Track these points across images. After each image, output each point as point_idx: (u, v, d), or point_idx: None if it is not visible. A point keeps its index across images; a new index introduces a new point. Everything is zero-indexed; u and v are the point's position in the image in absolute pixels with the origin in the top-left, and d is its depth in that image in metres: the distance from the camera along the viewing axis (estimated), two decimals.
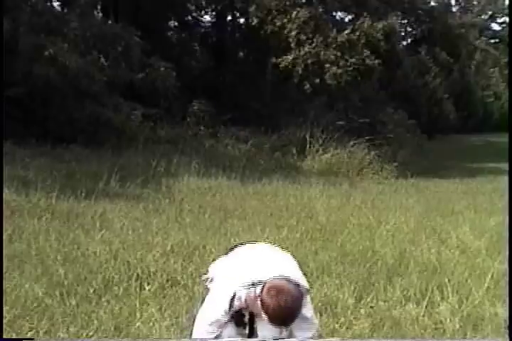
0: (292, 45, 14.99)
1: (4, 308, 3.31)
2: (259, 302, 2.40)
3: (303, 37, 14.93)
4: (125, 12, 16.32)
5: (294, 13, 14.89)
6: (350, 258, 4.85)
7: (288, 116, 14.53)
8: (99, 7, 16.86)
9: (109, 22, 13.88)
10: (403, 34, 24.73)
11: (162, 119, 13.10)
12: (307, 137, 12.51)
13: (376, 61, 14.62)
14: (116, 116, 11.73)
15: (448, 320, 3.57)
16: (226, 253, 2.85)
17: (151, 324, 3.32)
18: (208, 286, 2.72)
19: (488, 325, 3.54)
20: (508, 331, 3.02)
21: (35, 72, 10.45)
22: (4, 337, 2.95)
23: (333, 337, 3.28)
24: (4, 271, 3.93)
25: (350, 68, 14.75)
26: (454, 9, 33.36)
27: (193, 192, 7.86)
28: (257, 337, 2.59)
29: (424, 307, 3.78)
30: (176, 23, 21.18)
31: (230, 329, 2.55)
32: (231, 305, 2.48)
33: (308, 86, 14.88)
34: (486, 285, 4.19)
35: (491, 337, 3.40)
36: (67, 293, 3.70)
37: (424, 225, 6.49)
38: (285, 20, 15.03)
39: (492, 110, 32.28)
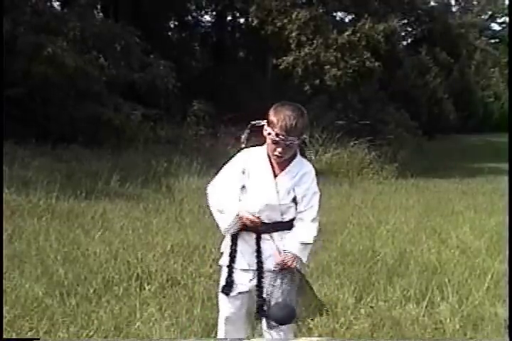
0: (292, 46, 14.96)
1: (4, 308, 3.30)
2: (266, 127, 2.55)
3: (303, 38, 14.90)
4: (125, 12, 16.34)
5: (295, 13, 14.86)
6: (350, 258, 4.85)
7: None
8: (99, 7, 16.88)
9: (109, 22, 13.86)
10: (403, 34, 24.71)
11: (162, 119, 13.10)
12: (307, 137, 12.49)
13: (376, 63, 14.61)
14: (116, 116, 11.72)
15: (448, 320, 3.57)
16: None
17: (151, 324, 3.32)
18: None
19: (488, 325, 3.54)
20: (508, 331, 3.02)
21: (34, 72, 10.44)
22: (4, 337, 2.94)
23: (333, 337, 3.28)
24: (4, 271, 3.93)
25: (350, 70, 14.73)
26: (454, 9, 33.43)
27: (193, 192, 7.85)
28: None
29: (424, 307, 3.78)
30: (176, 23, 21.20)
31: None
32: None
33: (308, 87, 14.88)
34: (486, 285, 4.19)
35: (491, 337, 3.40)
36: (67, 293, 3.70)
37: (424, 225, 6.50)
38: (285, 20, 14.99)
39: (492, 110, 32.29)
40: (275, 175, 2.58)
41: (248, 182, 2.58)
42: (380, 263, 4.73)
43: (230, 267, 2.58)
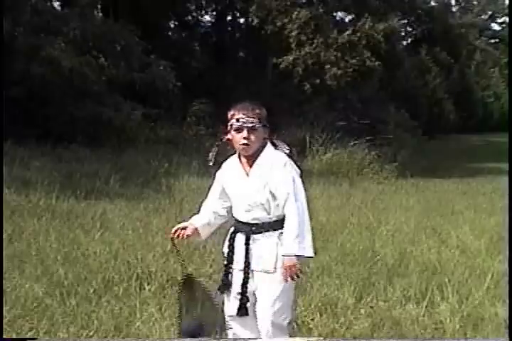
0: (293, 45, 14.98)
1: (4, 308, 3.30)
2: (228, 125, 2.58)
3: (303, 37, 14.92)
4: (125, 12, 16.31)
5: (295, 13, 14.88)
6: (350, 258, 4.85)
7: (288, 117, 14.52)
8: (99, 7, 16.87)
9: (109, 21, 13.86)
10: (403, 34, 24.75)
11: (162, 119, 13.09)
12: (307, 137, 12.49)
13: (376, 62, 14.62)
14: (117, 116, 11.71)
15: (448, 320, 3.57)
16: None
17: (151, 324, 3.32)
18: None
19: (488, 325, 3.54)
20: (508, 331, 3.02)
21: (34, 72, 10.44)
22: (4, 337, 2.95)
23: (333, 337, 3.28)
24: (4, 271, 3.93)
25: (351, 69, 14.74)
26: (454, 9, 33.45)
27: (193, 192, 7.85)
28: None
29: (424, 307, 3.78)
30: (176, 23, 21.20)
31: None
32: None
33: (308, 86, 14.88)
34: (486, 285, 4.19)
35: (491, 337, 3.39)
36: (67, 293, 3.69)
37: (424, 225, 6.49)
38: (285, 20, 15.01)
39: (492, 110, 32.35)
40: (247, 174, 2.59)
41: (228, 188, 2.67)
42: (380, 263, 4.73)
43: (228, 267, 2.64)
